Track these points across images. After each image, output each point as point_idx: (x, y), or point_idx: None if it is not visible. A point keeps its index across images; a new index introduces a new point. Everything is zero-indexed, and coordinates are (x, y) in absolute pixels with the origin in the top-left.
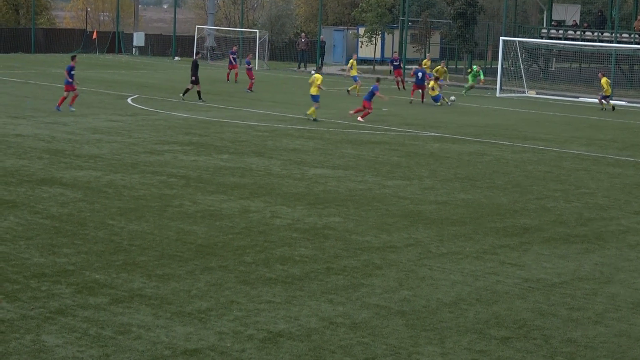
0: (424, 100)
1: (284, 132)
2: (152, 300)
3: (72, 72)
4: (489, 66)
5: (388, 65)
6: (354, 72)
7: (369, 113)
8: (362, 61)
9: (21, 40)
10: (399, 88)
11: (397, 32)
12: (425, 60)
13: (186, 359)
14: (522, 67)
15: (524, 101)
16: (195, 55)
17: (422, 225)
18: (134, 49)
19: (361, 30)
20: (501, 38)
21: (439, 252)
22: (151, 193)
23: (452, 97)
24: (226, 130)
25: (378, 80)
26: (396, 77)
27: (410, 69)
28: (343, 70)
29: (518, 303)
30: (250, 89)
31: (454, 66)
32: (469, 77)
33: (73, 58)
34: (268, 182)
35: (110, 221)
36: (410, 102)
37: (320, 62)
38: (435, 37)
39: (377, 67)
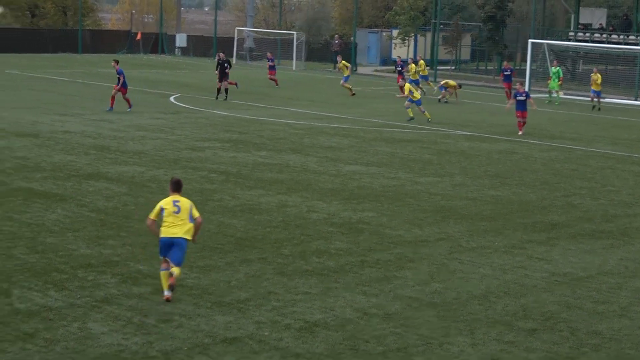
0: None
1: (320, 130)
2: (193, 290)
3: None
4: (518, 67)
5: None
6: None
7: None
8: (395, 63)
9: (69, 41)
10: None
11: (429, 35)
12: (418, 63)
13: (226, 347)
14: (550, 69)
15: (552, 102)
16: (219, 55)
17: (453, 220)
18: (176, 49)
19: (395, 33)
20: (530, 40)
21: (469, 246)
22: (192, 188)
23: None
24: (265, 128)
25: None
26: (398, 82)
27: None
28: (377, 71)
29: (545, 296)
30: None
31: (484, 67)
32: (552, 82)
33: (117, 62)
34: (305, 178)
35: None
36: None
37: (354, 64)
38: (466, 40)
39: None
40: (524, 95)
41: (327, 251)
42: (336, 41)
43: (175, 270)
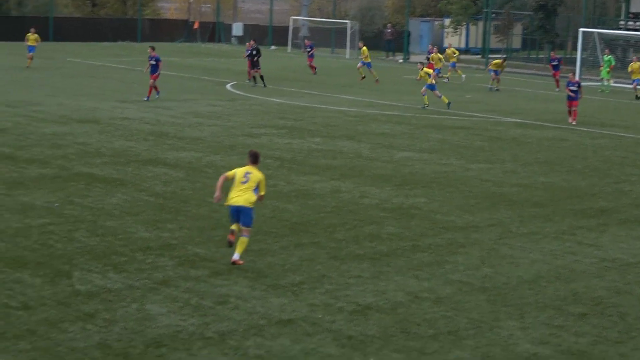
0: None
1: (373, 117)
2: (249, 274)
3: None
4: (568, 56)
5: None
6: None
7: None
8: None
9: (128, 29)
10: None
11: (480, 24)
12: (445, 52)
13: (280, 328)
14: (600, 58)
15: (603, 90)
16: (251, 43)
17: (504, 206)
18: (232, 38)
19: (447, 22)
20: (580, 29)
21: (520, 232)
22: None
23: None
24: (318, 115)
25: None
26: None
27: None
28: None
29: (595, 281)
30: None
31: (534, 56)
32: (604, 71)
33: (153, 49)
34: (358, 164)
35: (211, 199)
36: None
37: (407, 53)
38: (517, 28)
39: (461, 57)
40: (575, 85)
41: (379, 236)
42: (389, 30)
43: (240, 247)
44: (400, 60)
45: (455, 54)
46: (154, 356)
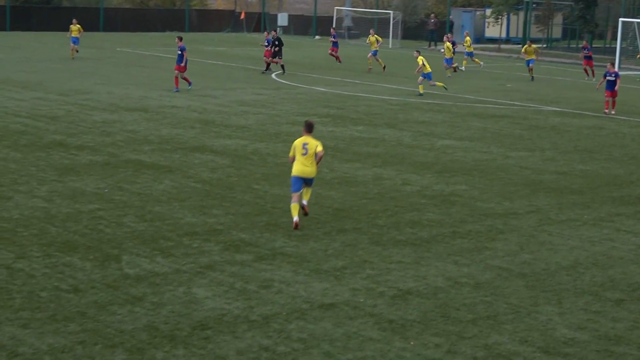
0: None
1: (415, 106)
2: (292, 258)
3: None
4: (608, 46)
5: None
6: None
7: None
8: (488, 40)
9: (176, 20)
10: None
11: (521, 13)
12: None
13: (322, 312)
14: None
15: None
16: (273, 34)
17: (543, 193)
18: (278, 28)
19: (488, 12)
20: (620, 19)
21: (558, 219)
22: None
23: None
24: (361, 103)
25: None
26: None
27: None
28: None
29: (632, 268)
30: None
31: (575, 45)
32: None
33: (181, 39)
34: (399, 151)
35: (255, 185)
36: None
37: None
38: (558, 18)
39: (502, 46)
40: (613, 75)
41: (420, 222)
42: (432, 20)
43: (306, 195)
44: (442, 50)
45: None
46: (200, 338)
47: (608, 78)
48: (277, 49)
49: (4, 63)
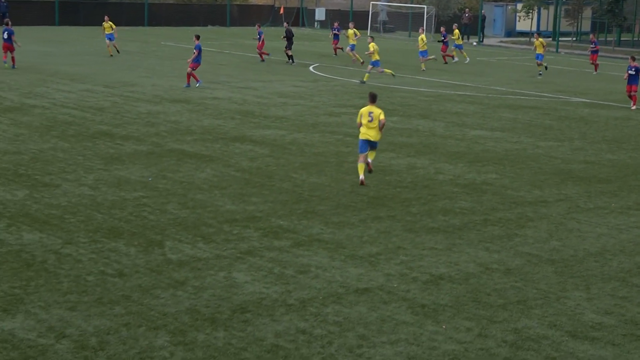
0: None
1: (447, 97)
2: (329, 245)
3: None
4: (637, 39)
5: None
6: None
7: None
8: (519, 34)
9: (218, 15)
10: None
11: (551, 8)
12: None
13: (357, 296)
14: None
15: None
16: (285, 24)
17: (572, 182)
18: (315, 22)
19: (519, 6)
20: None
21: (587, 207)
22: (329, 150)
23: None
24: (395, 95)
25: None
26: (443, 51)
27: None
28: (502, 41)
29: None
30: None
31: (603, 39)
32: None
33: (198, 37)
34: (432, 141)
35: (294, 174)
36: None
37: (481, 36)
38: (587, 12)
39: (533, 40)
40: (633, 69)
41: (452, 210)
42: (466, 14)
43: (371, 156)
44: (475, 43)
45: (458, 36)
46: (240, 321)
47: (629, 72)
48: (284, 38)
49: (53, 57)
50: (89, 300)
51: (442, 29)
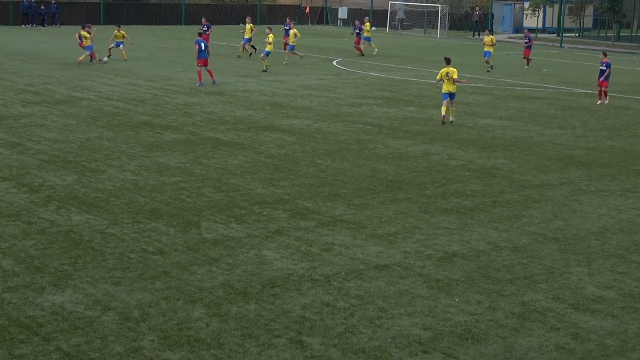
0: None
1: (460, 89)
2: (351, 225)
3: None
4: (635, 34)
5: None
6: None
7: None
8: (526, 31)
9: (248, 14)
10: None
11: (556, 5)
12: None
13: (377, 272)
14: None
15: None
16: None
17: (574, 167)
18: (338, 21)
19: (526, 4)
20: None
21: (588, 189)
22: (351, 138)
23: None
24: (412, 87)
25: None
26: (357, 43)
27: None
28: (511, 38)
29: None
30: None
31: (604, 34)
32: None
33: (200, 34)
34: (445, 129)
35: (318, 160)
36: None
37: (491, 32)
38: (589, 10)
39: (539, 35)
40: (604, 65)
41: (464, 193)
42: (477, 12)
43: (452, 115)
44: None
45: (368, 28)
46: (269, 295)
47: (600, 68)
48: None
49: (99, 53)
50: (132, 275)
51: (356, 22)
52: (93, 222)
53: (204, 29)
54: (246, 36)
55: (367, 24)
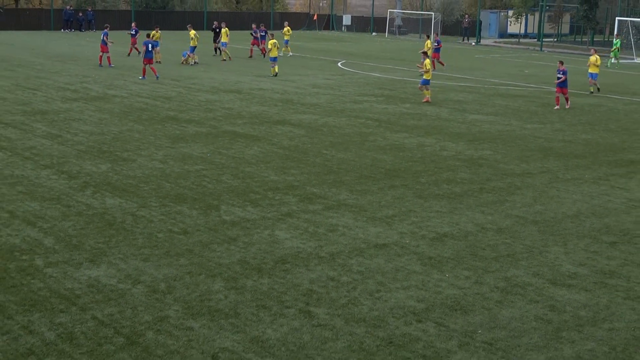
0: None
1: (451, 88)
2: (353, 208)
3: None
4: (606, 40)
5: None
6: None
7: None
8: (509, 36)
9: (263, 20)
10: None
11: (537, 14)
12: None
13: (377, 250)
14: (632, 40)
15: (633, 66)
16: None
17: (553, 157)
18: (343, 27)
19: (510, 13)
20: (617, 18)
21: (565, 177)
22: (354, 131)
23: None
24: (408, 86)
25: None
26: (253, 45)
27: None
28: (497, 42)
29: (624, 217)
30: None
31: (579, 39)
32: (613, 53)
33: (149, 36)
34: (438, 124)
35: (325, 151)
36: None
37: (479, 37)
38: (566, 18)
39: (522, 40)
40: (561, 72)
41: (454, 180)
42: (466, 19)
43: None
44: (473, 43)
45: (289, 32)
46: (281, 270)
47: (557, 75)
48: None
49: (130, 57)
50: (159, 253)
51: (253, 25)
52: (125, 206)
53: (132, 32)
54: (223, 40)
55: (287, 28)
